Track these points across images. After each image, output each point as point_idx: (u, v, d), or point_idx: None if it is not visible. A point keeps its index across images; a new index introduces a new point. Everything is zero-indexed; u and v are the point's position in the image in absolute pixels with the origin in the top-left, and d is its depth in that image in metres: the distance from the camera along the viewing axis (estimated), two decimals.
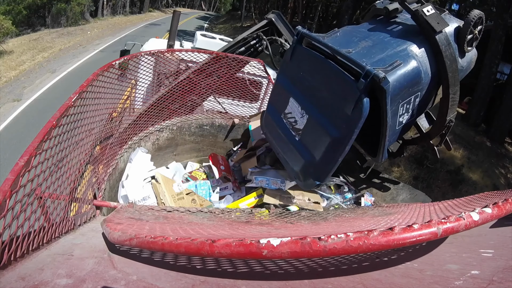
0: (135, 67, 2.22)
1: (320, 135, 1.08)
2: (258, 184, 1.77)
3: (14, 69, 10.99)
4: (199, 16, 32.28)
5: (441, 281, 0.63)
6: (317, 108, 1.11)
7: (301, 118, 1.12)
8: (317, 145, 1.10)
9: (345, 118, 1.03)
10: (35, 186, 0.89)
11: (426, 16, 1.20)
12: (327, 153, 1.08)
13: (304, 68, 1.18)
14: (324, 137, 1.06)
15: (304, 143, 1.14)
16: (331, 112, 1.07)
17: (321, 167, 1.11)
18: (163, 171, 2.09)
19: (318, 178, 1.13)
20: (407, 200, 1.87)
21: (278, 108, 1.24)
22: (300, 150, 1.15)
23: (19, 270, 0.70)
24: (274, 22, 3.10)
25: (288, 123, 1.17)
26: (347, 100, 1.02)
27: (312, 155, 1.12)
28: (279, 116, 1.22)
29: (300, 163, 1.17)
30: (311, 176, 1.15)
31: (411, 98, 1.21)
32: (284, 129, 1.19)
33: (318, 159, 1.11)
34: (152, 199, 1.77)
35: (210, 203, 1.89)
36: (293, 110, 1.14)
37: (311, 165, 1.13)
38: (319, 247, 0.48)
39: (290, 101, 1.16)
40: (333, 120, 1.05)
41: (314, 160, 1.11)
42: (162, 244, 0.62)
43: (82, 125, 1.25)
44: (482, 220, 0.56)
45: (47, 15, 18.71)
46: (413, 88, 1.20)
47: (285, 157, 1.25)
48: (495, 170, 7.89)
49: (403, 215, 1.09)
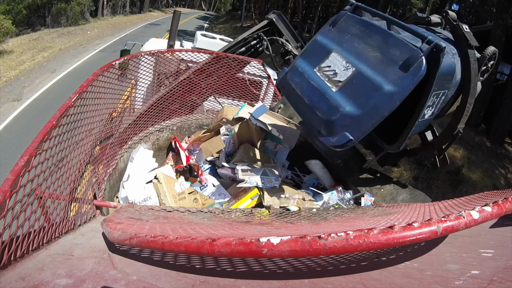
0: (135, 67, 2.22)
1: (369, 88, 1.08)
2: (252, 183, 1.74)
3: (14, 68, 11.00)
4: (199, 16, 32.30)
5: (441, 281, 0.63)
6: (366, 64, 1.13)
7: (344, 71, 1.14)
8: (363, 97, 1.09)
9: (401, 76, 1.06)
10: (35, 186, 0.89)
11: (465, 31, 1.34)
12: (374, 107, 1.07)
13: (353, 32, 1.23)
14: (373, 91, 1.07)
15: (345, 94, 1.12)
16: (384, 70, 1.09)
17: (360, 120, 1.08)
18: (165, 169, 2.02)
19: (353, 132, 1.10)
20: (407, 200, 1.87)
21: (311, 62, 1.24)
22: (338, 101, 1.12)
23: (19, 270, 0.70)
24: (275, 22, 3.10)
25: (323, 75, 1.17)
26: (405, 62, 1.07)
27: (354, 106, 1.09)
28: (312, 69, 1.22)
29: (333, 115, 1.12)
30: (345, 129, 1.10)
31: (440, 92, 1.24)
32: (317, 81, 1.18)
33: (360, 111, 1.08)
34: (153, 200, 1.75)
35: (213, 201, 1.84)
36: (334, 63, 1.16)
37: (348, 117, 1.09)
38: (319, 245, 0.48)
39: (331, 56, 1.18)
40: (387, 76, 1.08)
41: (354, 112, 1.09)
42: (162, 243, 0.62)
43: (82, 125, 1.25)
44: (482, 218, 0.56)
45: (47, 15, 18.72)
46: (447, 82, 1.25)
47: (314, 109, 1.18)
48: (495, 170, 7.90)
49: (403, 214, 1.09)
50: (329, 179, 2.11)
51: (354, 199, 1.91)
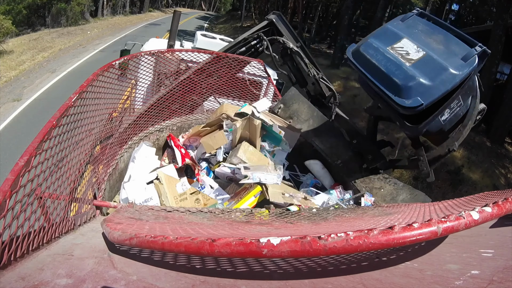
0: (135, 67, 2.22)
1: (438, 67, 1.37)
2: (255, 179, 1.74)
3: (14, 69, 11.00)
4: (199, 16, 32.31)
5: (441, 281, 0.63)
6: (434, 52, 1.41)
7: (416, 53, 1.42)
8: (433, 73, 1.36)
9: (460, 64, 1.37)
10: (35, 186, 0.88)
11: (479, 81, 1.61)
12: (441, 81, 1.35)
13: (420, 29, 1.53)
14: (442, 69, 1.36)
15: (418, 69, 1.38)
16: (447, 58, 1.39)
17: (430, 89, 1.35)
18: (167, 169, 1.95)
19: (424, 99, 1.35)
20: (407, 200, 1.87)
21: (384, 42, 1.48)
22: (414, 72, 1.38)
23: (19, 270, 0.70)
24: (275, 23, 3.11)
25: (396, 53, 1.44)
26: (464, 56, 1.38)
27: (426, 78, 1.36)
28: (385, 47, 1.48)
29: (410, 82, 1.38)
30: (419, 94, 1.35)
31: (460, 101, 1.51)
32: (392, 55, 1.44)
33: (431, 83, 1.35)
34: (154, 201, 1.72)
35: (216, 201, 1.81)
36: (406, 46, 1.45)
37: (422, 85, 1.36)
38: (319, 246, 0.48)
39: (403, 41, 1.47)
40: (450, 63, 1.37)
41: (427, 82, 1.35)
42: (162, 244, 0.62)
43: (82, 125, 1.25)
44: (482, 219, 0.56)
45: (47, 15, 18.72)
46: (471, 88, 1.54)
47: (391, 75, 1.43)
48: (495, 170, 7.90)
49: (403, 215, 1.09)
50: (329, 179, 2.11)
51: (354, 199, 1.91)
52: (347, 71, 12.98)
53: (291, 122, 2.27)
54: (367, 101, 7.12)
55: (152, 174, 1.83)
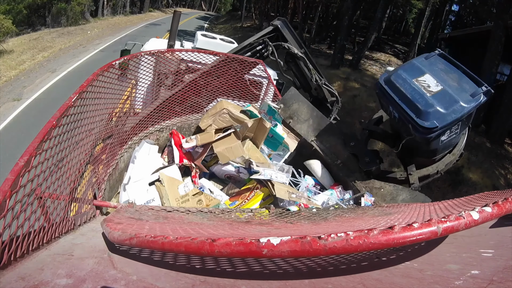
0: (135, 67, 2.22)
1: (452, 100, 1.67)
2: (266, 176, 1.74)
3: (14, 68, 11.00)
4: (199, 16, 32.31)
5: (441, 281, 0.63)
6: (449, 87, 1.71)
7: (435, 86, 1.72)
8: (448, 104, 1.66)
9: (469, 99, 1.67)
10: (35, 186, 0.88)
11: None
12: (453, 110, 1.66)
13: (440, 67, 1.83)
14: (454, 102, 1.66)
15: (437, 99, 1.68)
16: (459, 93, 1.69)
17: (445, 116, 1.65)
18: (170, 170, 1.89)
19: (439, 122, 1.64)
20: (407, 200, 1.87)
21: (411, 74, 1.80)
22: (433, 101, 1.68)
23: (19, 270, 0.70)
24: (280, 29, 3.17)
25: (420, 85, 1.74)
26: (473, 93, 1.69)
27: (442, 107, 1.66)
28: (411, 79, 1.77)
29: (430, 108, 1.67)
30: (435, 119, 1.65)
31: (458, 127, 1.80)
32: (416, 86, 1.74)
33: (446, 111, 1.66)
34: (156, 202, 1.70)
35: (219, 201, 1.79)
36: (428, 80, 1.76)
37: (438, 112, 1.66)
38: (319, 246, 0.48)
39: (425, 75, 1.77)
40: (461, 97, 1.67)
41: (442, 110, 1.66)
42: (162, 244, 0.62)
43: (82, 125, 1.25)
44: (482, 219, 0.56)
45: (47, 15, 18.73)
46: (469, 118, 1.82)
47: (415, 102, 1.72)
48: (495, 171, 7.89)
49: (403, 215, 1.09)
50: (329, 179, 2.11)
51: (354, 199, 1.91)
52: (346, 72, 12.99)
53: (291, 122, 2.27)
54: (367, 101, 7.27)
55: (155, 175, 1.81)
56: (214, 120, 2.20)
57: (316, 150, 2.17)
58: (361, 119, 9.13)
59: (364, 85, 11.60)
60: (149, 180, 1.78)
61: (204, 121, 2.26)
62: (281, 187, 1.73)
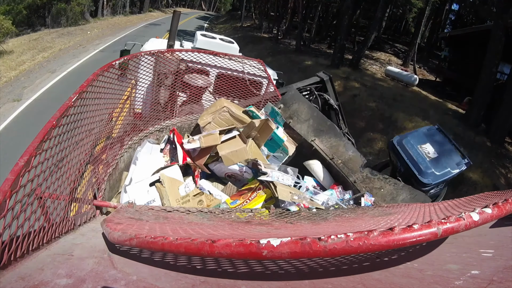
0: (135, 67, 2.22)
1: (443, 165, 2.17)
2: (273, 178, 1.73)
3: (14, 69, 11.00)
4: (199, 16, 32.32)
5: (441, 281, 0.63)
6: (442, 154, 2.22)
7: (433, 153, 2.22)
8: (440, 167, 2.16)
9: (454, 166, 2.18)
10: (35, 186, 0.88)
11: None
12: (442, 173, 2.15)
13: (436, 139, 2.29)
14: (444, 166, 2.17)
15: (433, 163, 2.18)
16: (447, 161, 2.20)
17: (437, 176, 2.14)
18: (171, 170, 1.86)
19: (433, 180, 2.13)
20: (407, 200, 1.87)
21: (416, 141, 2.27)
22: (431, 165, 2.17)
23: (19, 270, 0.70)
24: (325, 82, 3.79)
25: (422, 150, 2.23)
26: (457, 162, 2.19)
27: (436, 169, 2.15)
28: (417, 144, 2.25)
29: (428, 169, 2.15)
30: (431, 177, 2.13)
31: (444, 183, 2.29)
32: (420, 151, 2.23)
33: (438, 173, 2.14)
34: (157, 203, 1.69)
35: (220, 201, 1.77)
36: (428, 148, 2.25)
37: (433, 173, 2.14)
38: (319, 247, 0.48)
39: (427, 144, 2.26)
40: (448, 164, 2.18)
41: (436, 172, 2.14)
42: (162, 244, 0.62)
43: (82, 125, 1.25)
44: (482, 220, 0.56)
45: (47, 15, 18.73)
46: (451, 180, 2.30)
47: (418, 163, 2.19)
48: (495, 170, 7.89)
49: (403, 215, 1.09)
50: (329, 179, 2.11)
51: (354, 199, 1.90)
52: (346, 71, 12.98)
53: (291, 122, 2.27)
54: (367, 101, 7.41)
55: (155, 176, 1.79)
56: (214, 118, 2.20)
57: (316, 150, 2.17)
58: (360, 119, 9.10)
59: (364, 85, 11.60)
60: (149, 180, 1.77)
61: (203, 118, 2.25)
62: (284, 188, 1.72)
